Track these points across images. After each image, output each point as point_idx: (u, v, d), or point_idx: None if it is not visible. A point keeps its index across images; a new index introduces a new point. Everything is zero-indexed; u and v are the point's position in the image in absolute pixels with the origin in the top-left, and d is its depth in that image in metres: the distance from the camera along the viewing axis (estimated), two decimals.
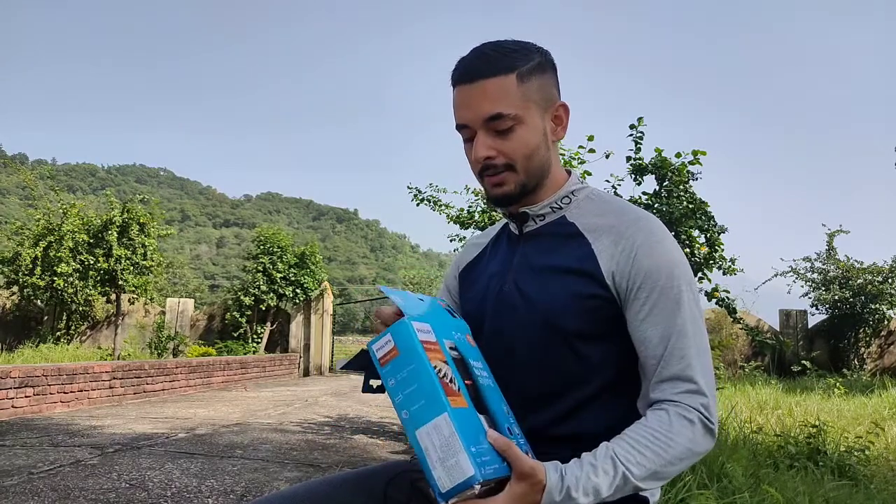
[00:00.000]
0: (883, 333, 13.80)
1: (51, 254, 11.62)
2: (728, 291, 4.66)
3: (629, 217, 1.04)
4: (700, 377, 0.95)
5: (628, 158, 4.71)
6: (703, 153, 4.57)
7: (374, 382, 0.98)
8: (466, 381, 0.88)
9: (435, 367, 0.83)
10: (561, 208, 1.10)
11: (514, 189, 1.05)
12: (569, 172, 1.15)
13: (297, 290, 13.54)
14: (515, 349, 1.06)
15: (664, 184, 4.64)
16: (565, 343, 1.01)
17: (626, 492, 0.89)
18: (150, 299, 13.45)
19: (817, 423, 4.25)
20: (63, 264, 11.43)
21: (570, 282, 1.02)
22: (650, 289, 0.98)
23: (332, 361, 14.38)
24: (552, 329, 1.02)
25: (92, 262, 11.74)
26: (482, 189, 1.10)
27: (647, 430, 0.92)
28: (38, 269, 11.49)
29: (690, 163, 4.57)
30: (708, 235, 4.57)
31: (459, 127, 1.05)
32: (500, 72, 1.00)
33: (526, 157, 1.03)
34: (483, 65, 1.01)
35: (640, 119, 4.62)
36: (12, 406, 5.93)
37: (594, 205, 1.10)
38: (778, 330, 14.04)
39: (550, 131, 1.07)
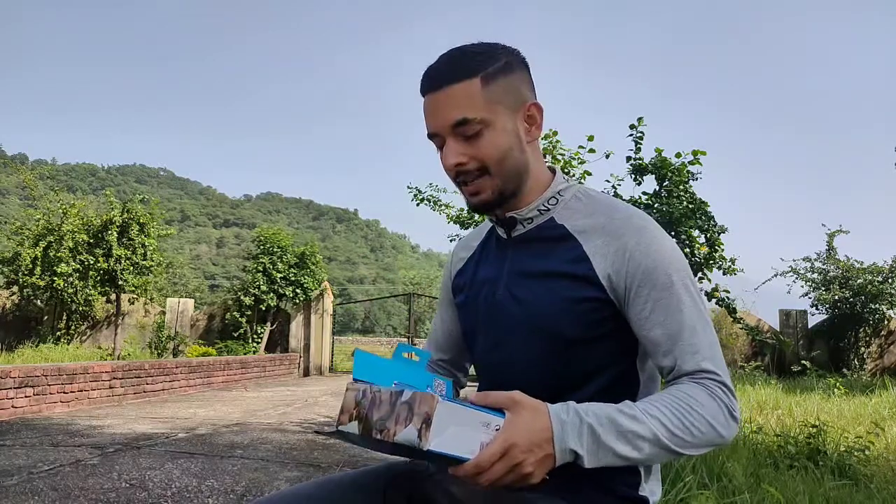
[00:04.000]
0: (883, 333, 13.80)
1: (51, 254, 11.62)
2: (728, 291, 4.66)
3: (620, 215, 1.02)
4: (717, 368, 0.94)
5: (628, 158, 4.71)
6: (703, 153, 4.58)
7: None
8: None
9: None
10: (548, 209, 1.07)
11: (491, 196, 1.03)
12: (552, 171, 1.12)
13: (297, 291, 13.53)
14: (512, 356, 1.05)
15: (664, 184, 4.65)
16: (563, 348, 1.01)
17: (641, 441, 0.86)
18: (150, 299, 13.45)
19: (817, 423, 4.24)
20: (63, 264, 11.43)
21: (565, 286, 1.01)
22: (650, 287, 0.96)
23: (332, 361, 14.38)
24: (549, 335, 1.01)
25: (92, 262, 11.74)
26: (463, 197, 1.09)
27: (667, 395, 0.91)
28: (38, 269, 11.49)
29: (690, 163, 4.58)
30: (708, 235, 4.58)
31: (430, 136, 1.04)
32: (464, 76, 0.98)
33: (498, 161, 1.00)
34: (446, 71, 0.99)
35: (640, 119, 4.62)
36: (12, 406, 5.93)
37: (582, 204, 1.07)
38: (778, 330, 14.03)
39: (524, 132, 1.04)
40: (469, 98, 0.98)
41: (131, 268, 12.07)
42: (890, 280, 13.14)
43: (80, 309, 12.66)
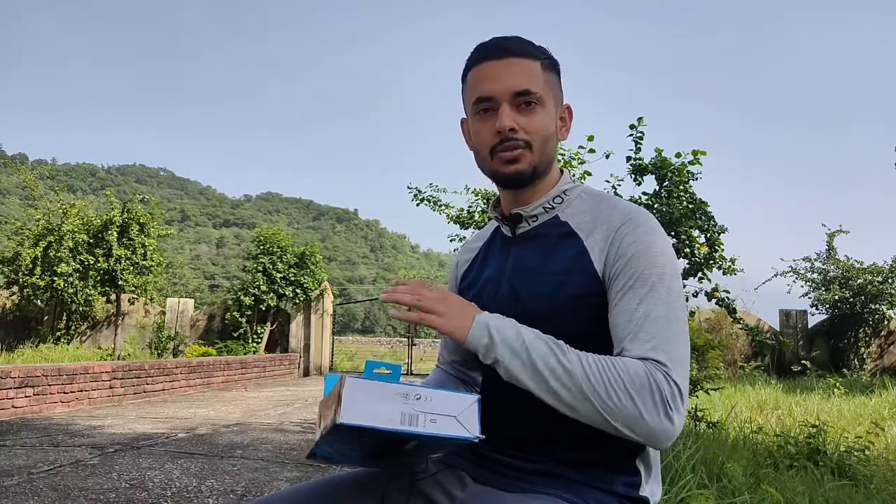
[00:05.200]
0: (883, 333, 13.80)
1: (51, 254, 11.61)
2: (728, 291, 4.66)
3: (620, 212, 1.04)
4: (668, 361, 0.90)
5: (628, 158, 4.70)
6: (703, 153, 4.57)
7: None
8: None
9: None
10: (553, 208, 1.10)
11: (527, 167, 1.05)
12: (560, 171, 1.15)
13: (297, 291, 13.53)
14: None
15: (664, 184, 4.64)
16: (566, 343, 1.01)
17: (555, 359, 0.90)
18: (150, 299, 13.44)
19: (817, 423, 4.25)
20: (63, 264, 11.42)
21: (567, 282, 1.02)
22: (629, 275, 0.97)
23: (332, 361, 14.38)
24: (552, 331, 1.00)
25: (92, 262, 11.74)
26: (490, 168, 1.07)
27: (599, 354, 0.93)
28: (38, 269, 11.48)
29: (690, 163, 4.57)
30: (708, 235, 4.57)
31: (481, 100, 1.05)
32: (529, 55, 1.05)
33: (543, 140, 1.05)
34: (513, 45, 1.05)
35: (640, 119, 4.62)
36: (12, 406, 5.93)
37: (585, 203, 1.10)
38: (778, 330, 14.03)
39: (557, 129, 1.09)
40: (533, 74, 1.04)
41: (131, 268, 12.07)
42: (890, 280, 13.15)
43: (80, 309, 12.66)
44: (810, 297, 13.90)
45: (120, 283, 12.00)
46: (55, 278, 11.48)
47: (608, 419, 0.87)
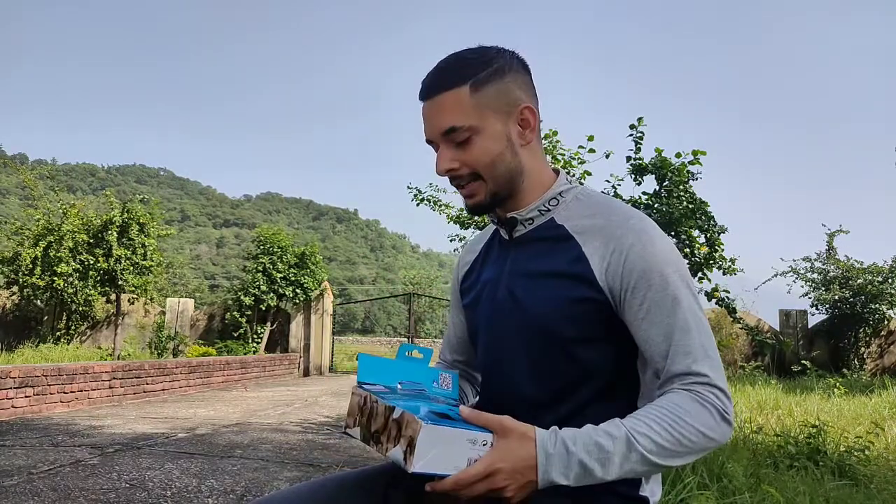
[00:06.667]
0: (883, 333, 13.80)
1: (51, 254, 11.62)
2: (728, 291, 4.66)
3: (619, 217, 1.03)
4: (709, 370, 0.93)
5: (628, 158, 4.71)
6: (703, 153, 4.58)
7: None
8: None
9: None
10: (549, 210, 1.08)
11: (484, 198, 1.05)
12: (556, 172, 1.12)
13: (297, 290, 13.54)
14: (512, 355, 1.06)
15: (664, 184, 4.65)
16: (561, 348, 1.01)
17: (631, 463, 0.87)
18: (150, 299, 13.45)
19: (817, 423, 4.24)
20: (63, 264, 11.43)
21: (563, 286, 1.01)
22: (646, 287, 0.96)
23: (332, 361, 14.39)
24: (547, 335, 1.01)
25: (92, 262, 11.74)
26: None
27: (655, 408, 0.91)
28: (38, 269, 11.48)
29: (690, 163, 4.58)
30: (708, 235, 4.58)
31: (427, 142, 1.07)
32: (454, 84, 1.00)
33: (489, 166, 1.03)
34: (438, 79, 1.02)
35: (640, 119, 4.62)
36: (12, 406, 5.93)
37: (583, 205, 1.08)
38: (778, 330, 14.03)
39: (517, 136, 1.04)
40: (458, 106, 1.00)
41: (131, 268, 12.07)
42: (890, 280, 13.14)
43: (80, 309, 12.66)
44: (810, 297, 13.90)
45: (120, 283, 12.00)
46: (55, 278, 11.48)
47: (683, 463, 0.92)
